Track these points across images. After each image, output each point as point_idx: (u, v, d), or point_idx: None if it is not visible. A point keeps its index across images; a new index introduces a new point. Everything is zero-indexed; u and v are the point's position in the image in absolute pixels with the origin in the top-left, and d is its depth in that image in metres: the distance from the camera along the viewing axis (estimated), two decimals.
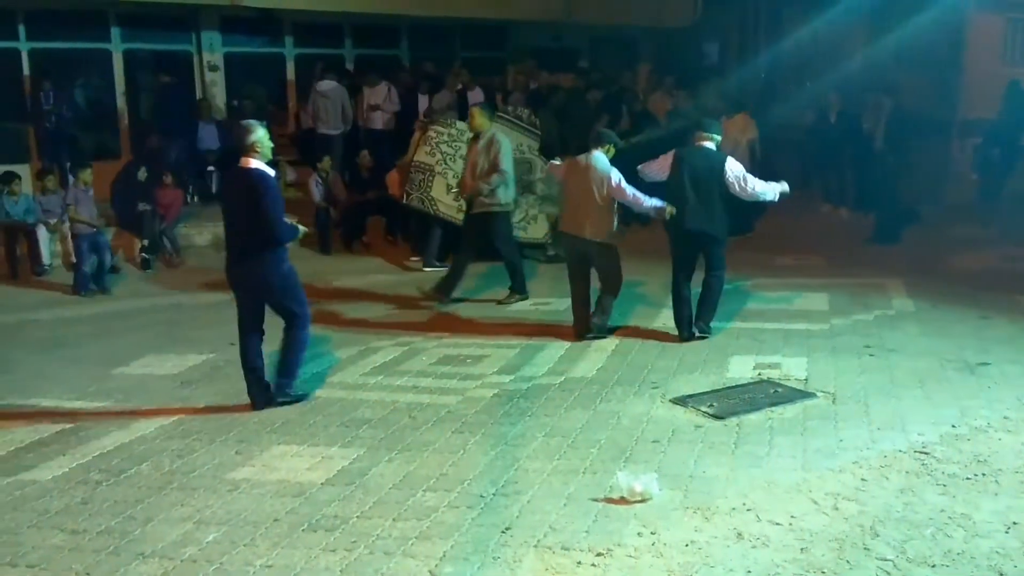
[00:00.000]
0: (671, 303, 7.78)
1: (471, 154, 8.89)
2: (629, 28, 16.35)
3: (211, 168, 13.12)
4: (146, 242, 10.77)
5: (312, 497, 4.85)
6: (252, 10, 13.03)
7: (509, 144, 8.92)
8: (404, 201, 10.73)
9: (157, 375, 7.02)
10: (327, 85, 12.83)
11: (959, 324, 7.97)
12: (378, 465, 5.24)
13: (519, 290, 9.05)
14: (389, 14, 14.00)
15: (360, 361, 7.28)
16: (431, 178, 10.47)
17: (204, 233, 11.63)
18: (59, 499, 4.92)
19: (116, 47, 13.09)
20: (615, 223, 7.64)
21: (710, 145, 7.65)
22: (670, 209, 7.40)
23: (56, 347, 7.90)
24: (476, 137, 8.90)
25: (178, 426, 5.92)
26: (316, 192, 11.55)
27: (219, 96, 13.84)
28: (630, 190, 7.48)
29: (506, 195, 8.84)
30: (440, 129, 10.69)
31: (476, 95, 13.09)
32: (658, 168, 7.75)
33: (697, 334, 7.62)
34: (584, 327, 7.71)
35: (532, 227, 10.95)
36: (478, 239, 9.02)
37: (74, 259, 9.95)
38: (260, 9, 13.08)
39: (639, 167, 7.90)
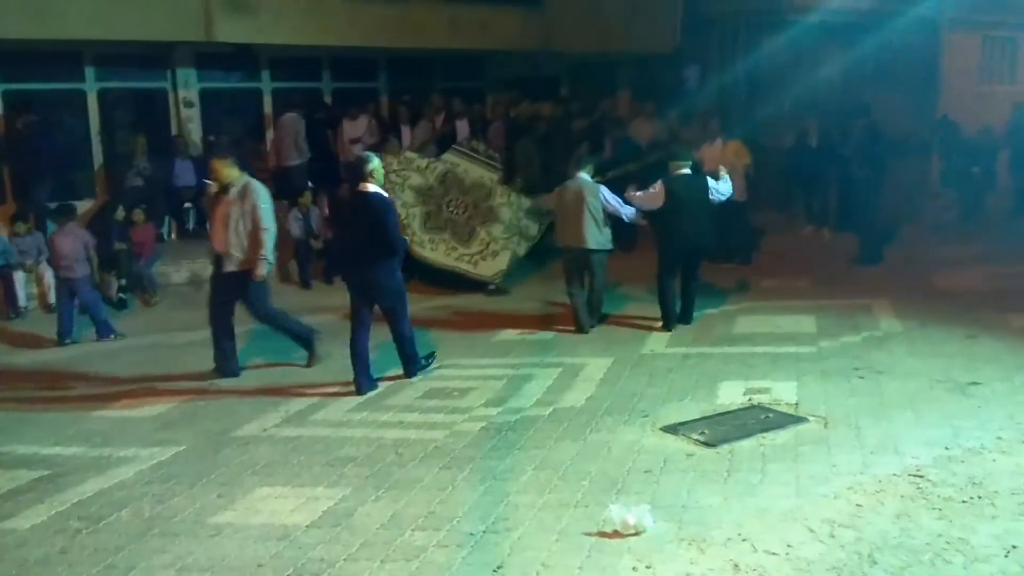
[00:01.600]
0: (660, 302, 8.82)
1: (220, 206, 7.68)
2: (608, 55, 16.39)
3: (188, 204, 12.99)
4: (122, 281, 10.62)
5: (297, 540, 4.71)
6: (228, 45, 12.95)
7: (267, 193, 7.82)
8: None
9: (136, 417, 6.87)
10: (285, 117, 12.87)
11: (947, 343, 7.94)
12: (364, 505, 5.12)
13: (307, 349, 8.16)
14: (366, 47, 13.96)
15: (343, 397, 7.15)
16: None
17: (181, 271, 11.49)
18: (38, 548, 4.76)
19: (90, 87, 12.99)
20: (609, 233, 8.85)
21: (687, 171, 8.82)
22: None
23: (33, 389, 7.72)
24: (225, 188, 7.70)
25: (158, 470, 5.77)
26: (295, 227, 11.44)
27: (195, 132, 13.73)
28: (615, 200, 8.84)
29: (271, 254, 7.76)
30: (389, 159, 10.68)
31: (463, 126, 13.06)
32: (652, 199, 8.79)
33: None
34: (587, 324, 8.85)
35: (485, 263, 10.77)
36: (229, 300, 7.92)
37: (53, 302, 9.78)
38: (236, 44, 13.01)
39: (631, 195, 8.92)
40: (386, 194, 7.41)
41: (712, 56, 17.79)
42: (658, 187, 8.75)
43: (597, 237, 8.78)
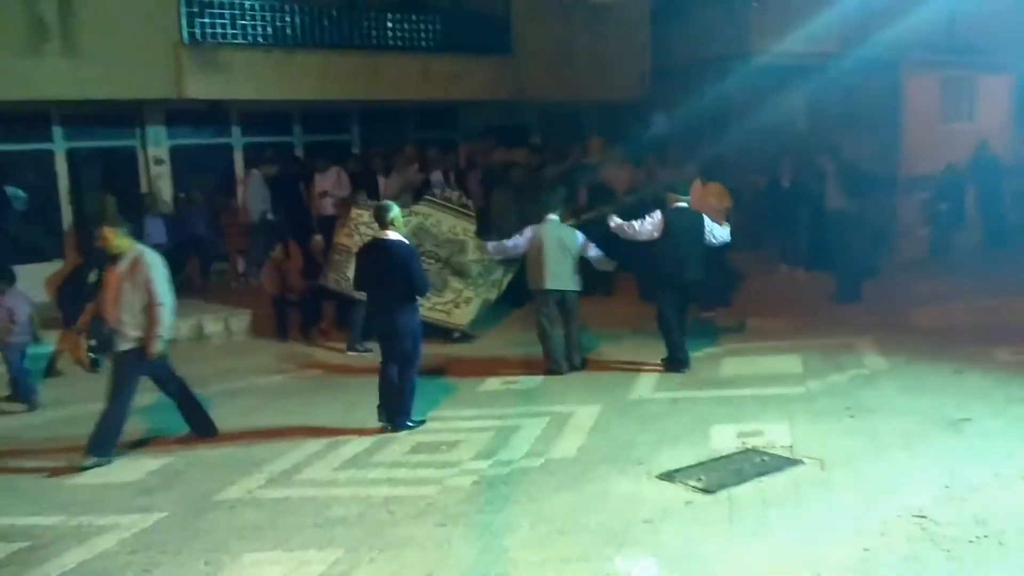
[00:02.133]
0: (666, 338, 8.79)
1: (112, 279, 7.30)
2: (578, 103, 16.52)
3: None
4: (93, 342, 10.36)
5: None
6: (198, 102, 12.90)
7: (161, 263, 7.43)
8: (322, 282, 10.75)
9: (114, 483, 6.62)
10: (249, 174, 12.97)
11: (934, 380, 7.94)
12: (359, 567, 4.94)
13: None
14: (339, 100, 13.96)
15: (328, 455, 6.96)
16: (348, 259, 10.37)
17: None
18: None
19: (59, 147, 12.85)
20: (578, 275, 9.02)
21: (684, 205, 8.86)
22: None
23: (4, 458, 7.45)
24: (115, 259, 7.33)
25: (140, 538, 5.54)
26: (271, 282, 11.28)
27: (165, 189, 13.61)
28: (583, 239, 9.14)
29: (167, 330, 7.34)
30: (360, 211, 10.63)
31: (437, 176, 13.04)
32: (652, 228, 8.74)
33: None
34: (562, 364, 8.91)
35: (458, 312, 10.66)
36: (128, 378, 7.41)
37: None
38: (206, 101, 12.96)
39: (623, 225, 8.97)
40: (407, 241, 7.75)
41: (679, 102, 18.00)
42: (657, 217, 8.74)
43: (570, 278, 8.91)
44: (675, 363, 8.78)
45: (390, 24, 14.20)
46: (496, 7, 15.33)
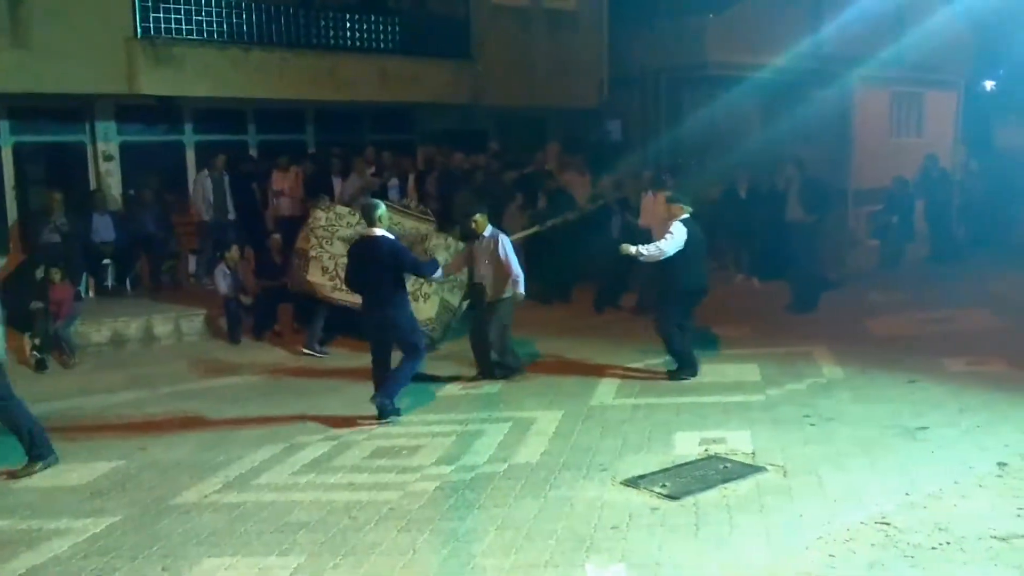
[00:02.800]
0: (675, 350, 8.74)
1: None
2: (536, 109, 16.53)
3: (107, 261, 12.51)
4: (37, 341, 10.07)
5: None
6: (150, 98, 12.62)
7: None
8: (289, 287, 10.78)
9: (64, 487, 6.40)
10: (198, 175, 12.81)
11: (890, 389, 8.05)
12: (323, 573, 4.83)
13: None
14: (294, 100, 13.77)
15: (287, 459, 6.82)
16: (306, 263, 10.34)
17: (102, 330, 10.96)
18: None
19: (4, 141, 12.48)
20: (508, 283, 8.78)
21: (687, 214, 8.75)
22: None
23: None
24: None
25: (93, 543, 5.36)
26: (223, 283, 11.07)
27: (115, 186, 13.28)
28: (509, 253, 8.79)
29: None
30: (318, 214, 10.60)
31: (392, 182, 12.93)
32: (680, 243, 8.56)
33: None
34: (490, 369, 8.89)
35: (417, 305, 10.60)
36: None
37: None
38: (158, 97, 12.68)
39: (656, 246, 8.65)
40: (392, 236, 7.93)
41: (635, 111, 18.15)
42: (680, 229, 8.59)
43: (497, 286, 8.75)
44: (688, 370, 8.70)
45: (348, 24, 14.05)
46: (456, 10, 15.28)
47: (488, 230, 8.85)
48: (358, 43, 14.12)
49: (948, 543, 4.97)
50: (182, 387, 9.24)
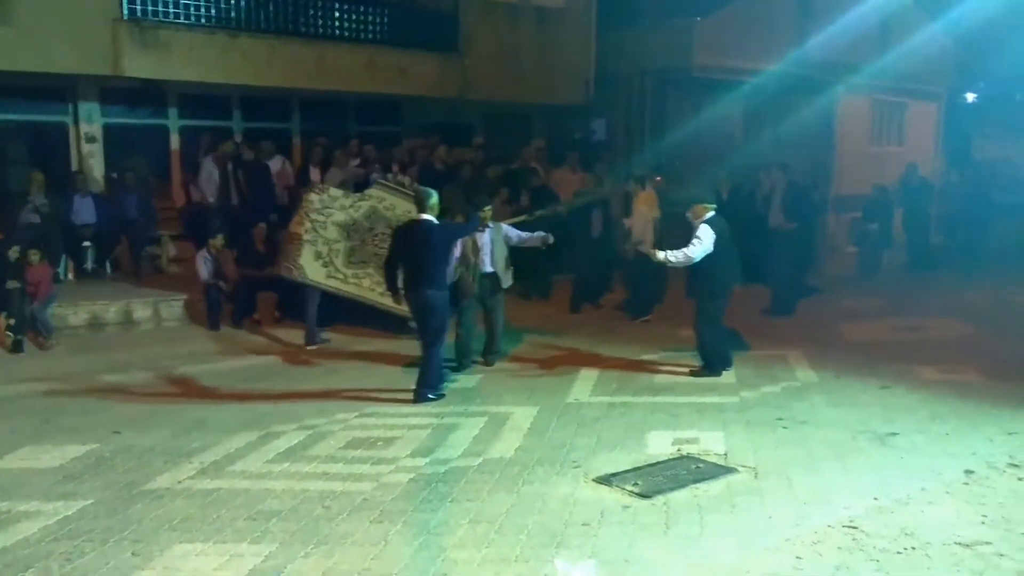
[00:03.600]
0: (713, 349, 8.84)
1: None
2: (522, 105, 16.55)
3: (87, 243, 12.42)
4: (12, 321, 9.99)
5: None
6: (134, 80, 12.54)
7: None
8: (277, 271, 10.67)
9: (36, 469, 6.38)
10: (204, 159, 12.53)
11: (863, 394, 8.14)
12: (294, 562, 4.84)
13: None
14: (280, 87, 13.72)
15: (262, 447, 6.82)
16: (300, 247, 10.28)
17: (80, 312, 10.89)
18: None
19: None
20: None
21: (713, 212, 8.81)
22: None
23: None
24: None
25: (64, 526, 5.35)
26: (204, 269, 11.03)
27: (96, 168, 13.18)
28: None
29: None
30: (312, 197, 10.52)
31: (376, 175, 12.88)
32: (709, 246, 8.60)
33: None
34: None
35: None
36: None
37: None
38: (142, 80, 12.60)
39: (683, 252, 8.68)
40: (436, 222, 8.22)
41: (620, 110, 18.19)
42: (707, 232, 8.60)
43: (504, 273, 9.31)
44: (715, 369, 8.79)
45: (337, 13, 14.02)
46: (445, 3, 15.26)
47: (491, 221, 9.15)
48: (346, 33, 14.09)
49: (914, 548, 5.04)
50: (160, 372, 9.21)
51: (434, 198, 8.15)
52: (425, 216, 8.09)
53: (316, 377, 8.99)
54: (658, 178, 12.50)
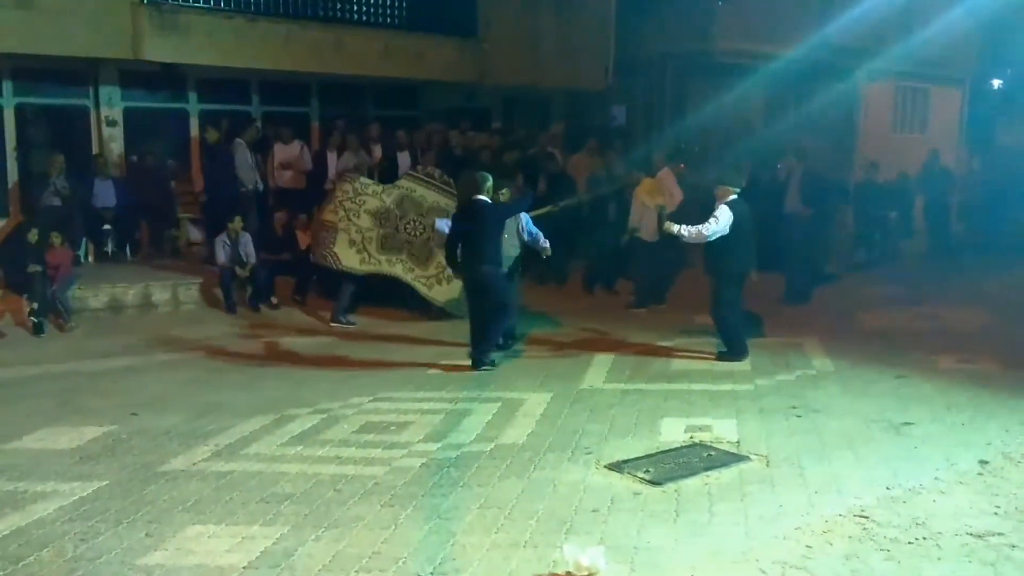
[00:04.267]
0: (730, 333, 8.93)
1: None
2: (540, 90, 16.50)
3: (107, 226, 12.53)
4: (35, 305, 10.11)
5: None
6: (154, 64, 12.60)
7: None
8: (312, 259, 10.88)
9: (53, 450, 6.47)
10: (235, 145, 12.50)
11: (878, 383, 8.08)
12: (304, 544, 4.88)
13: None
14: (299, 71, 13.74)
15: (276, 430, 6.87)
16: (334, 235, 10.42)
17: (100, 295, 11.01)
18: None
19: (7, 102, 12.48)
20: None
21: (736, 195, 8.85)
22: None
23: None
24: None
25: (79, 506, 5.42)
26: (222, 253, 11.11)
27: (117, 152, 13.28)
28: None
29: None
30: (346, 187, 10.70)
31: (404, 158, 12.90)
32: (725, 226, 8.69)
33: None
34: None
35: (439, 288, 10.73)
36: None
37: None
38: (163, 64, 12.66)
39: (696, 228, 8.77)
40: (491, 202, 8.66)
41: (641, 96, 18.11)
42: (725, 213, 8.68)
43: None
44: (736, 354, 8.85)
45: None
46: None
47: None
48: (364, 17, 14.10)
49: (925, 538, 5.01)
50: (177, 355, 9.30)
51: (489, 181, 8.65)
52: (480, 197, 8.57)
53: (334, 360, 9.04)
54: (682, 165, 12.45)
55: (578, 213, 11.72)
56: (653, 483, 5.76)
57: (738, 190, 8.86)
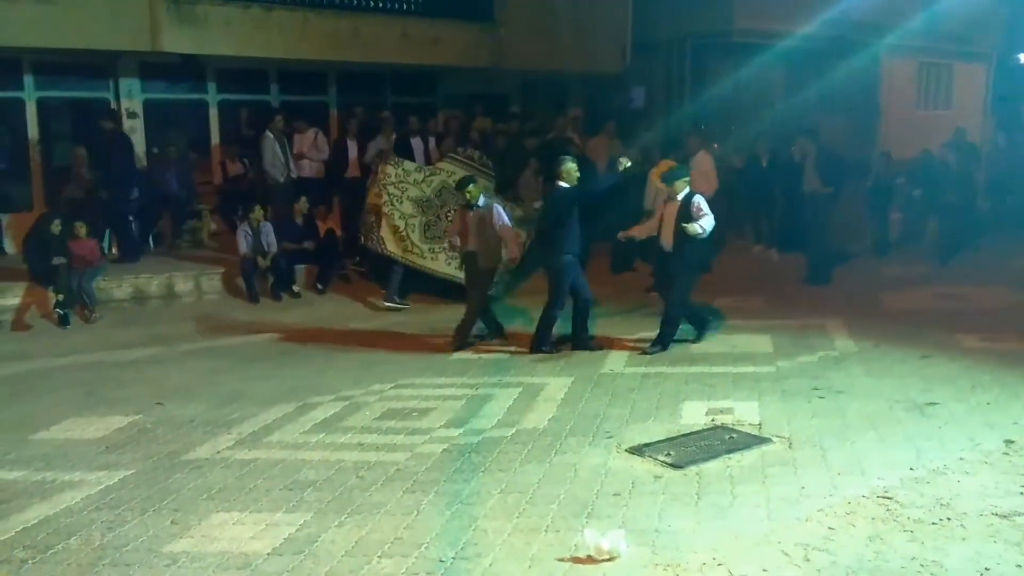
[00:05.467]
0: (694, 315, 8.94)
1: None
2: (558, 74, 16.43)
3: (131, 218, 12.60)
4: (60, 297, 10.21)
5: (258, 569, 4.52)
6: (173, 56, 12.65)
7: None
8: (362, 243, 11.07)
9: (79, 440, 6.56)
10: (266, 136, 12.54)
11: (901, 364, 8.02)
12: (327, 531, 4.93)
13: None
14: (317, 60, 13.75)
15: (299, 418, 6.93)
16: (379, 219, 10.49)
17: (124, 286, 11.10)
18: None
19: (29, 96, 12.57)
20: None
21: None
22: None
23: None
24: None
25: (106, 495, 5.50)
26: (244, 243, 11.17)
27: (138, 143, 13.35)
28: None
29: None
30: (388, 170, 10.77)
31: (417, 143, 12.90)
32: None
33: None
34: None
35: None
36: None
37: None
38: (182, 55, 12.70)
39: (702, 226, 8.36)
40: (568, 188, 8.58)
41: (659, 78, 17.98)
42: (706, 203, 8.48)
43: (489, 255, 9.10)
44: (707, 327, 9.00)
45: None
46: None
47: (481, 200, 9.02)
48: (381, 3, 14.05)
49: (949, 519, 4.98)
50: (201, 344, 9.39)
51: (566, 164, 8.56)
52: (560, 183, 8.54)
53: (355, 347, 9.08)
54: (715, 145, 12.42)
55: (600, 196, 11.66)
56: (674, 466, 5.76)
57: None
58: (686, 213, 8.33)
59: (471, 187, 9.02)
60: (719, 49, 17.37)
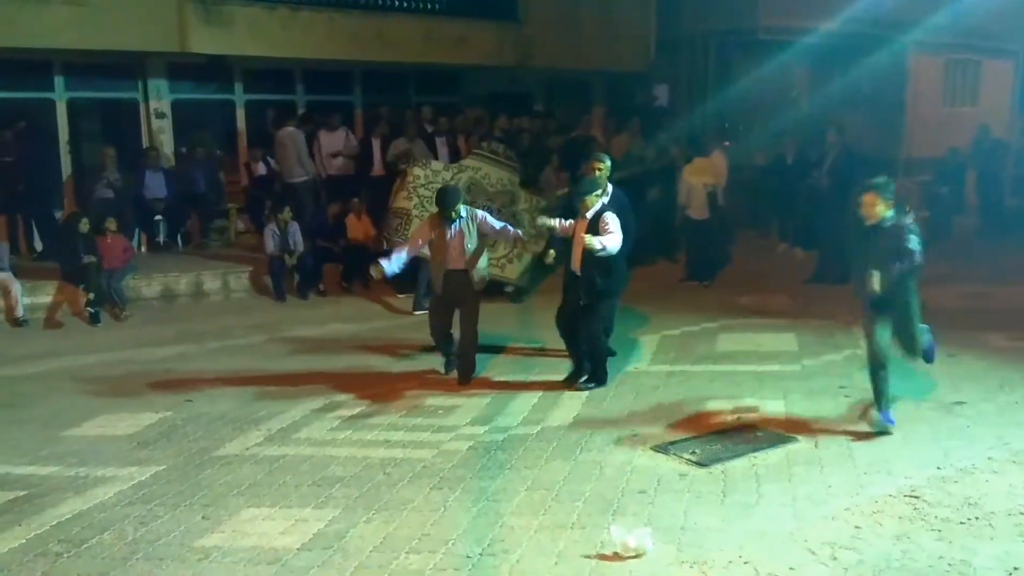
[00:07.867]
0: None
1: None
2: (582, 72, 16.44)
3: (158, 217, 12.75)
4: (91, 295, 10.35)
5: (289, 564, 4.58)
6: (200, 56, 12.78)
7: None
8: (385, 247, 10.68)
9: (111, 436, 6.65)
10: (283, 132, 12.60)
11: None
12: (356, 526, 4.99)
13: None
14: (342, 60, 13.84)
15: (326, 415, 7.00)
16: (407, 222, 10.35)
17: (153, 284, 11.25)
18: (17, 574, 4.57)
19: (59, 96, 12.75)
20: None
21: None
22: None
23: (1, 408, 7.47)
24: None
25: (138, 491, 5.58)
26: (271, 242, 11.27)
27: (166, 144, 13.51)
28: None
29: None
30: (417, 172, 10.52)
31: (442, 143, 12.95)
32: None
33: None
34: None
35: (511, 266, 10.47)
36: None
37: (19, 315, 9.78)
38: (209, 55, 12.84)
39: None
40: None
41: (683, 75, 17.95)
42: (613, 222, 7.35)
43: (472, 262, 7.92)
44: (605, 380, 7.57)
45: None
46: None
47: (463, 211, 7.76)
48: (405, 3, 14.14)
49: (977, 518, 4.98)
50: (229, 342, 9.47)
51: (606, 163, 7.90)
52: (608, 186, 7.66)
53: (380, 345, 9.12)
54: (727, 143, 12.41)
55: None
56: (700, 464, 5.78)
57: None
58: (594, 230, 7.22)
59: (457, 206, 7.68)
60: (743, 46, 17.32)
